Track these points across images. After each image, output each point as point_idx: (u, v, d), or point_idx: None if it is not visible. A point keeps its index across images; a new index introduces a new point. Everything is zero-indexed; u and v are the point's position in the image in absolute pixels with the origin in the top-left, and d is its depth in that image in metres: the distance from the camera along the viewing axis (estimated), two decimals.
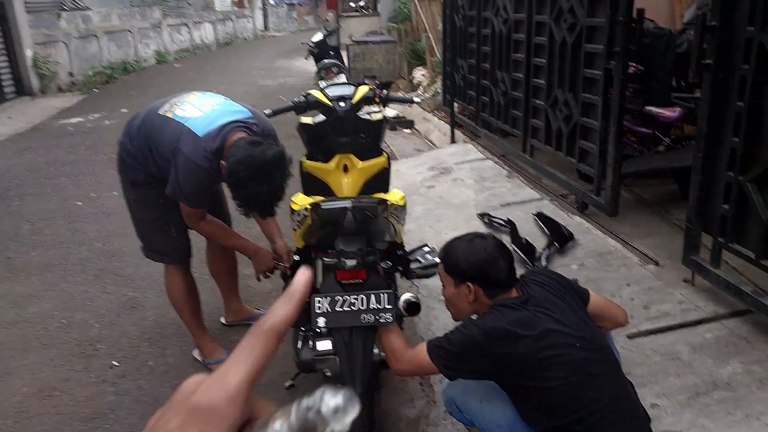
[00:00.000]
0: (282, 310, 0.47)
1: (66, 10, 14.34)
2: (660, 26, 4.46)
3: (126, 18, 16.67)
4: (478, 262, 1.84)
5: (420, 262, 3.64)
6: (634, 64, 4.66)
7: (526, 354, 1.71)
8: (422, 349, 1.85)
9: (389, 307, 2.02)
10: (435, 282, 3.37)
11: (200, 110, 2.58)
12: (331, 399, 0.42)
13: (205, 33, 21.45)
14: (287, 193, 2.46)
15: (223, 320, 3.41)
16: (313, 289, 2.36)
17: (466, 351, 1.76)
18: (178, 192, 2.54)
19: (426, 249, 3.80)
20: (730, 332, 2.62)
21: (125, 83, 13.79)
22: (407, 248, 2.84)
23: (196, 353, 3.10)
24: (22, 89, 12.08)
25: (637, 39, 3.72)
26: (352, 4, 15.68)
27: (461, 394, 1.95)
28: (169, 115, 2.59)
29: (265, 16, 29.37)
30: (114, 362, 3.10)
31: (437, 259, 3.52)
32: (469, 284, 1.84)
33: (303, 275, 0.50)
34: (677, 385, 2.36)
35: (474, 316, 1.91)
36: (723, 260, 2.83)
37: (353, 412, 0.42)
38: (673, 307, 2.85)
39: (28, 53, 12.08)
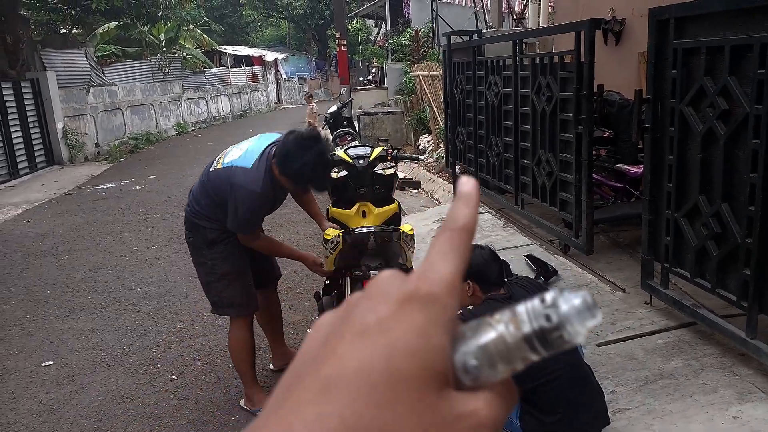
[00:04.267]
0: (465, 210, 0.37)
1: (94, 86, 15.43)
2: (626, 98, 5.24)
3: (148, 93, 17.84)
4: (477, 265, 2.46)
5: None
6: (607, 130, 5.43)
7: None
8: None
9: None
10: None
11: (241, 150, 2.91)
12: (572, 297, 0.30)
13: (222, 106, 22.73)
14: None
15: (272, 366, 3.66)
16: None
17: None
18: (236, 222, 2.82)
19: None
20: (677, 339, 3.24)
21: (149, 152, 14.74)
22: None
23: (242, 403, 3.30)
24: (52, 159, 12.98)
25: (600, 108, 4.49)
26: (362, 79, 16.98)
27: None
28: (219, 166, 2.92)
29: (278, 89, 30.89)
30: (173, 377, 3.72)
31: None
32: (469, 282, 2.46)
33: (470, 180, 0.39)
34: (632, 377, 2.97)
35: (470, 307, 2.56)
36: (671, 282, 3.48)
37: (597, 319, 0.30)
38: (634, 323, 3.48)
39: (59, 126, 13.02)
